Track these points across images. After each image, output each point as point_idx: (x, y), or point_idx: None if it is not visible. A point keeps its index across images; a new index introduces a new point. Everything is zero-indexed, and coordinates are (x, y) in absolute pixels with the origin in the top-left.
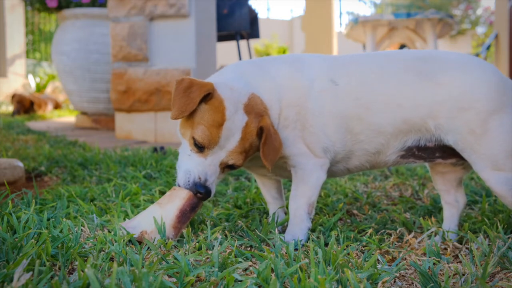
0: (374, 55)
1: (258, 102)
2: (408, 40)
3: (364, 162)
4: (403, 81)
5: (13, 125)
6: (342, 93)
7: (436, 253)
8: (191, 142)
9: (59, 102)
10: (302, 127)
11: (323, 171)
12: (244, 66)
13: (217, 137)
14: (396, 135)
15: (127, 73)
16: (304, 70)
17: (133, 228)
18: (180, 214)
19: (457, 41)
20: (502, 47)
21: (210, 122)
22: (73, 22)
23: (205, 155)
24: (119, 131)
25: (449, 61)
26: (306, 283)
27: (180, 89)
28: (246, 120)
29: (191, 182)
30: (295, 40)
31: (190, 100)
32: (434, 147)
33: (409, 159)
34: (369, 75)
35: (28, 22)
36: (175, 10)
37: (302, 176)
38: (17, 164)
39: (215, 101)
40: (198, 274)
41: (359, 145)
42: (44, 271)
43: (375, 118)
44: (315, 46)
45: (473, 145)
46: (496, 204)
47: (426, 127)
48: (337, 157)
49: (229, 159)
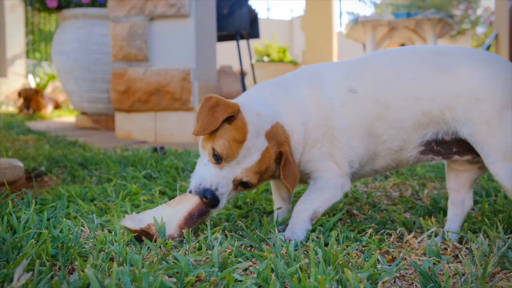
0: (387, 51)
1: (281, 132)
2: (408, 40)
3: (390, 161)
4: (420, 74)
5: (13, 125)
6: (362, 99)
7: (436, 253)
8: (210, 152)
9: (59, 102)
10: (329, 144)
11: (341, 192)
12: (268, 88)
13: (236, 152)
14: (416, 129)
15: (127, 73)
16: (323, 86)
17: (140, 220)
18: (188, 216)
19: (457, 41)
20: (502, 47)
21: (232, 138)
22: (73, 22)
23: (221, 167)
24: (119, 131)
25: (465, 55)
26: (306, 283)
27: (206, 106)
28: (267, 145)
29: (202, 187)
30: (295, 40)
31: (213, 119)
32: (451, 141)
33: (429, 155)
34: (384, 73)
35: (28, 22)
36: (175, 10)
37: (321, 187)
38: (17, 164)
39: (238, 122)
40: (198, 274)
41: (383, 145)
42: (44, 271)
43: (396, 115)
44: (315, 46)
45: (486, 137)
46: (496, 204)
47: (444, 118)
48: (362, 162)
49: (244, 176)
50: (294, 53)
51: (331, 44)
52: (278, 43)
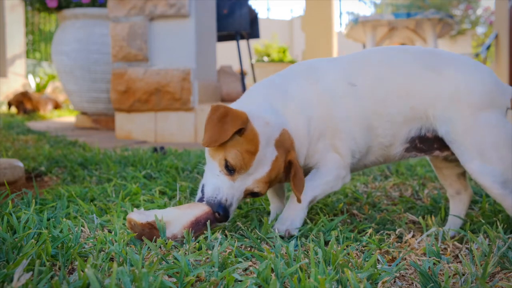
0: (382, 48)
1: (287, 138)
2: (408, 40)
3: (379, 157)
4: (411, 70)
5: (13, 125)
6: (361, 93)
7: (436, 253)
8: (222, 163)
9: (59, 102)
10: (332, 135)
11: (342, 182)
12: (267, 89)
13: (249, 164)
14: (403, 124)
15: (127, 73)
16: (322, 81)
17: (147, 215)
18: (195, 221)
19: (457, 41)
20: (502, 47)
21: (244, 150)
22: (73, 22)
23: (234, 179)
24: (119, 131)
25: (452, 58)
26: (306, 283)
27: (214, 117)
28: (276, 155)
29: (217, 200)
30: (295, 40)
31: (223, 132)
32: (433, 138)
33: (412, 153)
34: (380, 68)
35: (28, 22)
36: (175, 10)
37: (323, 176)
38: (17, 164)
39: (249, 134)
40: (198, 274)
41: (377, 140)
42: (44, 271)
43: (389, 109)
44: (315, 46)
45: (461, 136)
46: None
47: (427, 115)
48: (360, 154)
49: (255, 187)
50: (294, 53)
51: (331, 44)
52: (278, 43)
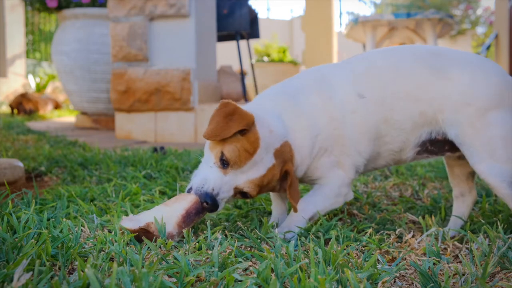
0: (386, 50)
1: (287, 150)
2: (408, 40)
3: (389, 161)
4: (419, 75)
5: (13, 125)
6: (369, 104)
7: (436, 253)
8: (218, 155)
9: (59, 102)
10: (339, 152)
11: (343, 200)
12: (280, 98)
13: (244, 161)
14: (413, 130)
15: (127, 73)
16: (334, 95)
17: (139, 220)
18: (186, 214)
19: (457, 41)
20: (502, 47)
21: (243, 147)
22: (73, 22)
23: (226, 172)
24: (119, 131)
25: (458, 58)
26: (306, 283)
27: (221, 112)
28: (273, 163)
29: (204, 190)
30: (295, 40)
31: (226, 128)
32: (443, 141)
33: (424, 155)
34: (387, 75)
35: (28, 22)
36: (175, 10)
37: (326, 192)
38: (17, 164)
39: (251, 136)
40: (198, 274)
41: (385, 147)
42: (44, 271)
43: (398, 116)
44: (315, 46)
45: (471, 138)
46: (496, 204)
47: (436, 119)
48: (366, 163)
49: (245, 187)
50: (294, 53)
51: (331, 44)
52: (278, 43)
